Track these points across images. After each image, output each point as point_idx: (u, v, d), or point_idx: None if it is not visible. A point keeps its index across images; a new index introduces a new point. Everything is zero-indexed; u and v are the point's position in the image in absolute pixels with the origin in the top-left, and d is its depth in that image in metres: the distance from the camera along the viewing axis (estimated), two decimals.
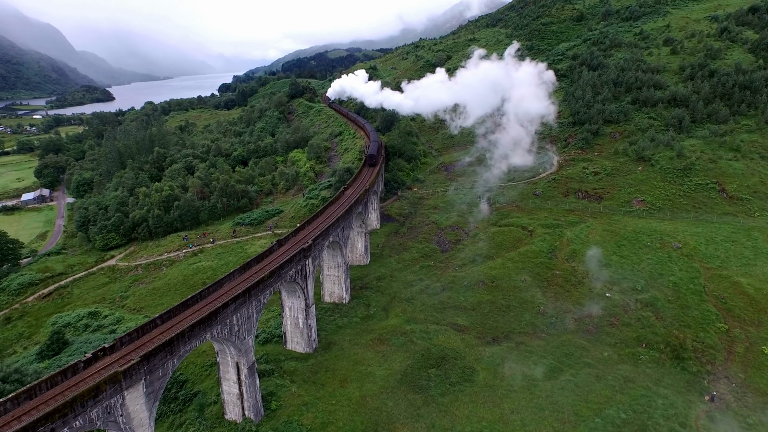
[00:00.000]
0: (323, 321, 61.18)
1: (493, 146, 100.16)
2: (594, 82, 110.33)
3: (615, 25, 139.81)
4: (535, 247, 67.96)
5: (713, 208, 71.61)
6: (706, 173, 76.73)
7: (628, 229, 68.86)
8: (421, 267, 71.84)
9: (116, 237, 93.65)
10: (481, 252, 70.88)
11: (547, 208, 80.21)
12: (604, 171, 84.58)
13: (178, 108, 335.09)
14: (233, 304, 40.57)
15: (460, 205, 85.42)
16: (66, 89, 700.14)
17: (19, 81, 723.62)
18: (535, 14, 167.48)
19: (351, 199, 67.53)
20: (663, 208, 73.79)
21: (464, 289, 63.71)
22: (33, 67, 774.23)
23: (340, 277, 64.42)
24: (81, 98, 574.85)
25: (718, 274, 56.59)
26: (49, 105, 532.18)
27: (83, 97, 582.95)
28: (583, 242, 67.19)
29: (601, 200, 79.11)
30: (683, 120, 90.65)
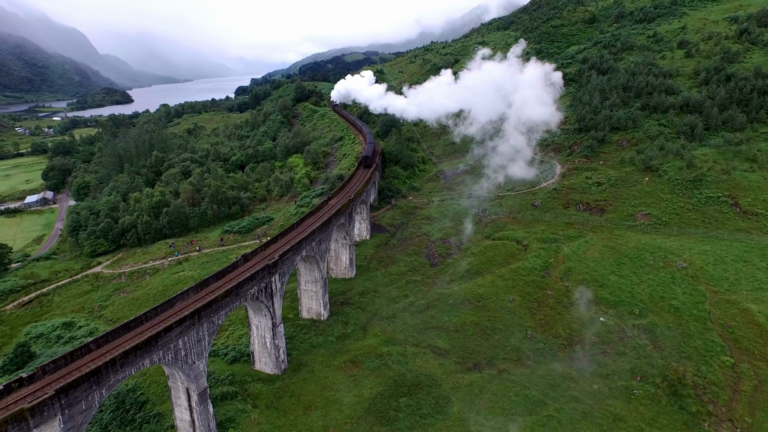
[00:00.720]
0: (297, 339, 57.90)
1: (492, 154, 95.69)
2: (603, 86, 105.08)
3: (628, 27, 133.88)
4: (527, 264, 63.47)
5: (724, 223, 66.08)
6: (718, 185, 71.14)
7: (629, 246, 63.87)
8: (407, 282, 67.98)
9: (105, 243, 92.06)
10: (471, 267, 66.66)
11: (545, 221, 75.54)
12: (608, 181, 79.51)
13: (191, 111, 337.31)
14: (178, 328, 37.44)
15: (454, 216, 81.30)
16: (88, 91, 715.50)
17: (43, 83, 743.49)
18: (545, 16, 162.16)
19: (331, 210, 64.11)
20: (669, 223, 68.53)
21: (449, 308, 59.62)
22: (57, 70, 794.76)
23: (317, 292, 61.01)
24: (101, 100, 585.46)
25: (726, 299, 51.38)
26: (70, 107, 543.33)
27: (103, 99, 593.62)
28: (580, 259, 62.45)
29: (604, 213, 74.11)
30: (696, 127, 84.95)
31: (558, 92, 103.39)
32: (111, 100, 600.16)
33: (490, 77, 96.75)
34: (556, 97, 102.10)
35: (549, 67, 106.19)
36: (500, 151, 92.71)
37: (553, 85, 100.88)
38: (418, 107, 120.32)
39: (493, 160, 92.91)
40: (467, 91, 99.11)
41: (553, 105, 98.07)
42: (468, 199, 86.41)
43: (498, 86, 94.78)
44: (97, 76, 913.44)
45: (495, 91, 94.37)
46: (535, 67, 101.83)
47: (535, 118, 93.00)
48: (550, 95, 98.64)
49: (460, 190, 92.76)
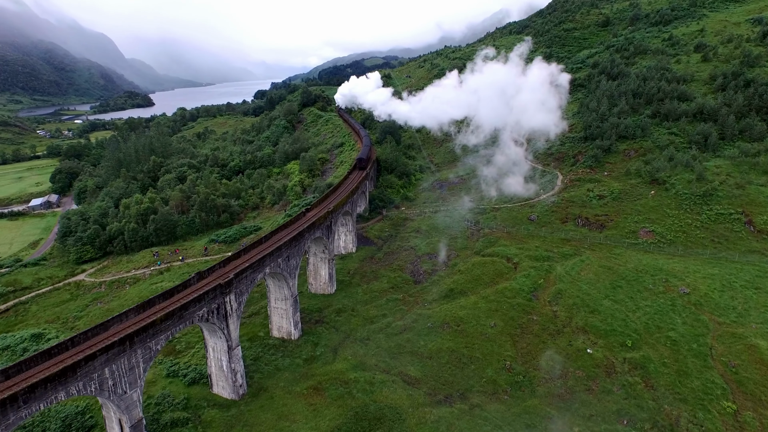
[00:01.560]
0: (263, 360, 54.34)
1: (488, 164, 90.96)
2: (611, 92, 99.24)
3: (643, 30, 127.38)
4: (515, 284, 58.65)
5: (736, 243, 60.05)
6: (731, 201, 65.03)
7: (628, 266, 58.47)
8: (387, 300, 63.84)
9: (91, 250, 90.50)
10: (455, 286, 62.14)
11: (540, 236, 70.50)
12: (610, 194, 73.97)
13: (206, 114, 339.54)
14: (103, 355, 34.24)
15: (445, 229, 76.91)
16: (111, 95, 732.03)
17: (70, 87, 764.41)
18: (557, 20, 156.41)
19: (305, 223, 60.53)
20: (674, 242, 62.78)
21: (427, 331, 55.25)
22: (84, 74, 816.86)
23: (287, 310, 57.41)
24: (122, 104, 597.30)
25: (731, 332, 45.76)
26: (93, 110, 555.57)
27: (125, 102, 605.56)
28: (573, 280, 57.34)
29: (604, 229, 68.69)
30: (709, 136, 78.75)
31: (563, 96, 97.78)
32: (132, 104, 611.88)
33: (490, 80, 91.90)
34: (561, 103, 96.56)
35: (555, 67, 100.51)
36: (496, 162, 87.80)
37: (558, 89, 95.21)
38: (420, 114, 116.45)
39: (489, 171, 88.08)
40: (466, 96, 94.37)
41: (557, 111, 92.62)
42: (462, 211, 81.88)
43: (498, 90, 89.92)
44: (122, 79, 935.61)
45: (495, 95, 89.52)
46: (540, 69, 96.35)
47: (536, 125, 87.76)
48: (555, 100, 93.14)
49: (455, 201, 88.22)
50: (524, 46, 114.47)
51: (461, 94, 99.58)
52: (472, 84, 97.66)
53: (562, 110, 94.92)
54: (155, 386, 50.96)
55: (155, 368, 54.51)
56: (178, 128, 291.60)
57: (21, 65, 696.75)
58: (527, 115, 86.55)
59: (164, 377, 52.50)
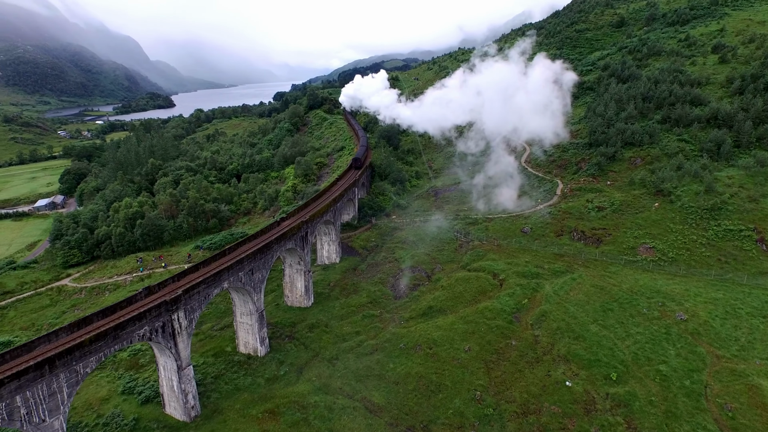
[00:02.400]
0: (224, 378, 51.30)
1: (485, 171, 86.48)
2: (620, 96, 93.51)
3: (658, 30, 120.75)
4: (497, 304, 54.26)
5: (745, 264, 54.38)
6: (742, 216, 59.23)
7: (623, 287, 53.46)
8: (363, 317, 60.12)
9: (78, 254, 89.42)
10: (435, 304, 58.09)
11: (532, 251, 65.79)
12: (611, 206, 68.72)
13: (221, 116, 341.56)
14: (14, 382, 31.53)
15: (432, 240, 72.84)
16: (135, 96, 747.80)
17: (96, 88, 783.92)
18: (569, 20, 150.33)
19: (274, 234, 57.36)
20: (677, 260, 57.36)
21: (398, 352, 51.37)
22: (109, 76, 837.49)
23: (253, 326, 54.30)
24: (144, 105, 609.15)
25: (731, 369, 40.59)
26: (115, 111, 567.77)
27: (146, 103, 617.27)
28: (560, 301, 52.67)
29: (600, 244, 63.56)
30: (723, 144, 72.73)
31: (566, 98, 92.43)
32: (154, 105, 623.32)
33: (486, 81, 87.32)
34: (564, 105, 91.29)
35: (558, 65, 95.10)
36: (491, 170, 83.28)
37: (561, 89, 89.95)
38: (420, 118, 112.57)
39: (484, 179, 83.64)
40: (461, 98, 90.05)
41: (559, 114, 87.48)
42: (453, 221, 77.64)
43: (494, 92, 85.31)
44: (146, 81, 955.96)
45: (491, 97, 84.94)
46: (542, 68, 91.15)
47: (536, 130, 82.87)
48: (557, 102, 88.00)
49: (448, 209, 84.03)
50: (526, 42, 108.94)
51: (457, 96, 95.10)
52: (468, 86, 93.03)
53: (566, 113, 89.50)
54: (108, 404, 48.48)
55: (112, 384, 52.15)
56: (193, 129, 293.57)
57: (50, 68, 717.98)
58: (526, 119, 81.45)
59: (119, 394, 49.97)
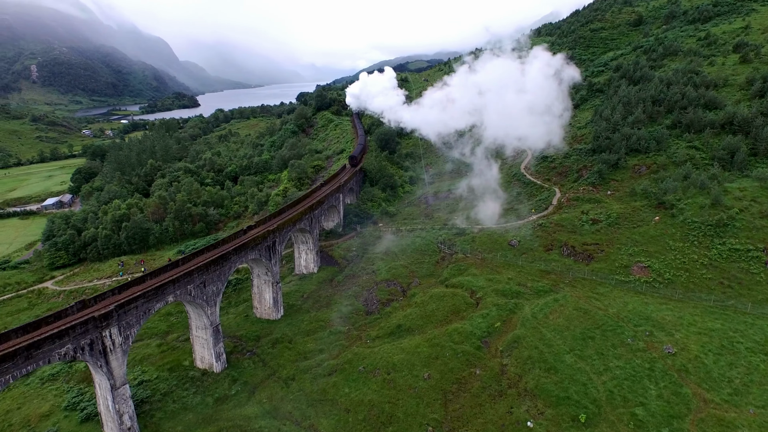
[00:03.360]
0: (172, 396, 48.48)
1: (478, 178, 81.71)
2: (629, 98, 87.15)
3: (678, 29, 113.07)
4: (468, 326, 49.75)
5: (751, 289, 48.27)
6: (751, 233, 52.96)
7: (609, 311, 48.19)
8: (330, 333, 56.49)
9: (65, 256, 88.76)
10: (404, 323, 53.95)
11: (517, 266, 60.84)
12: (606, 218, 63.08)
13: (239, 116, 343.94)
14: None
15: (415, 251, 68.69)
16: (162, 96, 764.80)
17: (126, 89, 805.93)
18: (584, 19, 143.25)
19: (233, 245, 54.29)
20: (673, 282, 51.59)
21: (356, 375, 47.50)
22: (138, 76, 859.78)
23: (208, 340, 51.33)
24: (170, 104, 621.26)
25: (719, 417, 35.12)
26: (141, 110, 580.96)
27: (172, 103, 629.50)
28: (538, 325, 47.78)
29: (591, 261, 58.11)
30: (737, 152, 66.10)
31: (565, 97, 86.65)
32: (179, 104, 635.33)
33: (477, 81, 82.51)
34: (564, 106, 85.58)
35: (558, 60, 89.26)
36: (474, 180, 78.52)
37: (560, 87, 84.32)
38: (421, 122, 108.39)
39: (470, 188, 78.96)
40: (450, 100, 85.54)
41: (556, 116, 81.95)
42: (440, 231, 73.23)
43: (483, 92, 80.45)
44: (174, 81, 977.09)
45: (480, 98, 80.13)
46: (540, 64, 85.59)
47: (530, 133, 77.68)
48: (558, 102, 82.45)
49: (437, 218, 79.62)
50: (524, 39, 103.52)
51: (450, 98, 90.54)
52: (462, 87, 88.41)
53: (564, 115, 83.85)
54: (47, 421, 46.29)
55: (58, 397, 49.99)
56: (211, 129, 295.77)
57: (83, 68, 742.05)
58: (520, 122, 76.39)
59: (62, 409, 47.72)
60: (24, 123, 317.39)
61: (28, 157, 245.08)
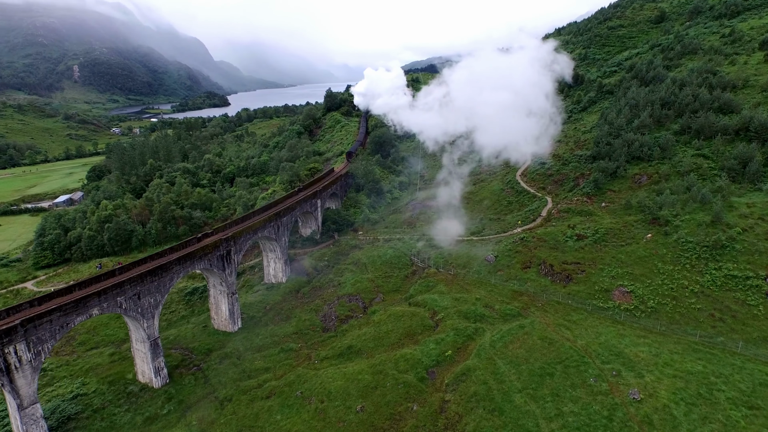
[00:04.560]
0: (104, 413, 46.08)
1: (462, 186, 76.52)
2: (637, 101, 79.92)
3: (701, 25, 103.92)
4: (417, 353, 45.09)
5: (745, 325, 41.59)
6: (752, 258, 46.01)
7: (577, 343, 42.56)
8: (282, 350, 52.94)
9: (49, 255, 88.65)
10: (356, 343, 49.78)
11: (489, 284, 55.58)
12: (593, 234, 56.88)
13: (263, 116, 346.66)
14: None
15: (386, 264, 64.33)
16: (195, 95, 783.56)
17: (160, 88, 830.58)
18: (603, 16, 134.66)
19: (177, 254, 51.39)
20: (657, 311, 45.32)
21: (293, 401, 43.69)
22: (173, 76, 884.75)
23: (146, 354, 48.72)
24: (200, 103, 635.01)
25: None
26: (173, 109, 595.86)
27: (203, 102, 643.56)
28: (495, 355, 42.65)
29: (569, 282, 52.22)
30: (750, 161, 58.59)
31: (548, 94, 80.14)
32: (210, 103, 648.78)
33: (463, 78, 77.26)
34: (551, 104, 79.20)
35: (548, 48, 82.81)
36: (442, 193, 73.41)
37: (547, 86, 78.15)
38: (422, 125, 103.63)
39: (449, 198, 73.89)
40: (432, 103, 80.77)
41: (546, 118, 75.77)
42: (417, 242, 68.56)
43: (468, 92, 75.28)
44: (207, 81, 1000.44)
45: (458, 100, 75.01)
46: (531, 58, 79.47)
47: (511, 140, 71.94)
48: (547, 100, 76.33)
49: (420, 227, 74.89)
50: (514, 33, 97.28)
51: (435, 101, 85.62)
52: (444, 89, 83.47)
53: (554, 114, 77.61)
54: None
55: None
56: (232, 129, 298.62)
57: (121, 68, 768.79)
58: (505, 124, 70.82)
59: None
60: (57, 121, 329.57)
61: (54, 155, 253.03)
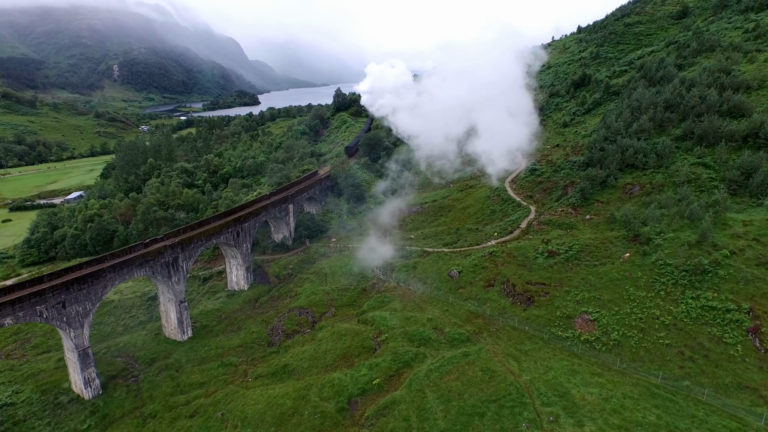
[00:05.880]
0: (23, 426, 44.43)
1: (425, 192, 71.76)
2: (640, 103, 73.05)
3: (725, 20, 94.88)
4: (347, 378, 41.18)
5: (718, 367, 35.53)
6: (736, 287, 39.63)
7: (522, 379, 37.63)
8: (221, 365, 50.13)
9: (35, 253, 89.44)
10: (292, 362, 46.42)
11: (446, 303, 50.97)
12: (566, 252, 51.28)
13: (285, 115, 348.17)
14: None
15: (346, 275, 60.63)
16: (228, 93, 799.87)
17: (195, 86, 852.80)
18: (620, 13, 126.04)
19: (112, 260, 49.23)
20: (621, 344, 39.70)
21: (212, 423, 40.74)
22: (207, 75, 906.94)
23: (76, 364, 46.80)
24: (231, 102, 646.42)
25: None
26: (204, 107, 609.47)
27: (233, 101, 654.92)
28: (424, 389, 38.23)
29: (531, 305, 46.96)
30: (755, 172, 51.57)
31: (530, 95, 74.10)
32: (240, 102, 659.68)
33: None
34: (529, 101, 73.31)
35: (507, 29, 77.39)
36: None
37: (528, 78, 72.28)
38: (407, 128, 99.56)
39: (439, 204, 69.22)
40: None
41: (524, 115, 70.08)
42: (385, 252, 64.44)
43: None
44: (241, 80, 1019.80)
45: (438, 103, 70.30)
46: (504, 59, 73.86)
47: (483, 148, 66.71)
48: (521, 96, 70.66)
49: (395, 235, 70.73)
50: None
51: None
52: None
53: (534, 120, 71.77)
54: None
55: None
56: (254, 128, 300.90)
57: (158, 68, 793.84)
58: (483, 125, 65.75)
59: None
60: (88, 119, 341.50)
61: (80, 151, 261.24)
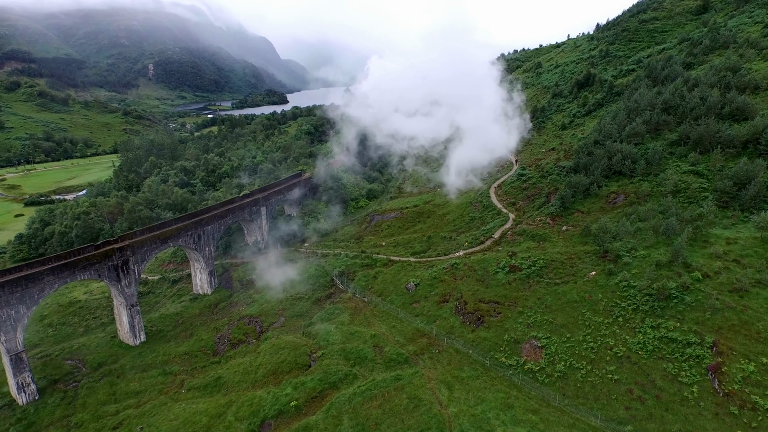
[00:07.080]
0: None
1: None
2: (638, 104, 67.34)
3: (746, 14, 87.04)
4: (267, 398, 38.43)
5: (668, 410, 30.78)
6: (702, 316, 34.59)
7: (447, 411, 33.97)
8: (162, 373, 48.42)
9: (26, 249, 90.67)
10: (226, 375, 44.18)
11: (396, 318, 47.55)
12: (528, 267, 46.90)
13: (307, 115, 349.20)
14: None
15: (306, 283, 57.97)
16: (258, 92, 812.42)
17: (226, 85, 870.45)
18: (636, 9, 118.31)
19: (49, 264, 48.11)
20: (565, 377, 35.35)
21: None
22: (239, 74, 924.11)
23: (10, 369, 45.91)
24: (260, 101, 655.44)
25: None
26: (233, 106, 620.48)
27: (262, 99, 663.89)
28: (341, 415, 35.07)
29: (480, 325, 42.93)
30: (750, 183, 45.82)
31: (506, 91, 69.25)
32: (268, 101, 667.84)
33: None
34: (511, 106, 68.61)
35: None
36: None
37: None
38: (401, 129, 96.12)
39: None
40: None
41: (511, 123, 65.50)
42: (351, 260, 61.41)
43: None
44: (272, 79, 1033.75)
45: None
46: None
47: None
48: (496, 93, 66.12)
49: (366, 242, 67.60)
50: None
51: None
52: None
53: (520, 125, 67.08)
54: None
55: None
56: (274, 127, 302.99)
57: (191, 66, 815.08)
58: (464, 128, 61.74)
59: None
60: (117, 116, 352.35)
61: (105, 148, 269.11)
